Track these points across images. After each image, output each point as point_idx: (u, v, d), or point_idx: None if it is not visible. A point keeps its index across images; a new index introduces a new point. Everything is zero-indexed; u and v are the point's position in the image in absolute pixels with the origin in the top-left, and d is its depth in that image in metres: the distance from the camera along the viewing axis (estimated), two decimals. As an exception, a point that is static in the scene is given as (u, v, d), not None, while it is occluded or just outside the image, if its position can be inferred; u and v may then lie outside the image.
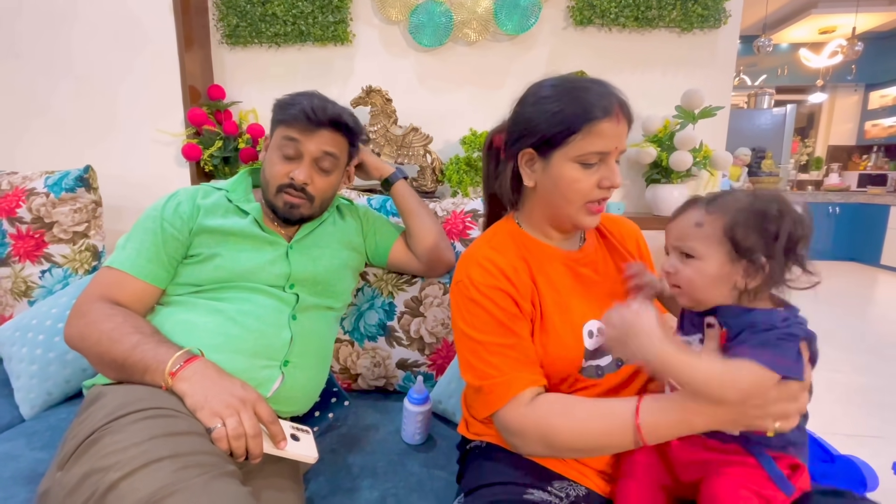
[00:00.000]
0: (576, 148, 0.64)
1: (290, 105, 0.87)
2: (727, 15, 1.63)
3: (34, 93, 1.79)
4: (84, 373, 1.03)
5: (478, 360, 0.66)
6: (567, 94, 0.65)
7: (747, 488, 0.55)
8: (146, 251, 0.83)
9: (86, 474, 0.57)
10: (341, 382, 1.12)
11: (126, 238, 0.86)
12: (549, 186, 0.68)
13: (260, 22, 1.74)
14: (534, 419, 0.62)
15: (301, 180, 0.87)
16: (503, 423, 0.65)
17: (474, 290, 0.67)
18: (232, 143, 1.72)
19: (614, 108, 0.64)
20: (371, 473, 0.83)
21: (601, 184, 0.66)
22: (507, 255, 0.70)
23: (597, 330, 0.69)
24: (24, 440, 0.90)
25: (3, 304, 1.20)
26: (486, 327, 0.66)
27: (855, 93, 5.93)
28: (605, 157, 0.65)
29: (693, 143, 1.56)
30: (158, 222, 0.85)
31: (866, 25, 4.97)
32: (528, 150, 0.68)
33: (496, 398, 0.64)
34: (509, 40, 1.74)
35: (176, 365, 0.68)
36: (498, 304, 0.66)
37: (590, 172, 0.66)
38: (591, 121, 0.63)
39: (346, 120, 0.89)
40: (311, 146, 0.87)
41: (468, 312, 0.68)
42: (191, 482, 0.55)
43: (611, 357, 0.70)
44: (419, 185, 1.70)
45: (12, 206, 1.21)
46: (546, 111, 0.66)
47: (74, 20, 1.73)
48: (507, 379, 0.64)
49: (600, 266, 0.75)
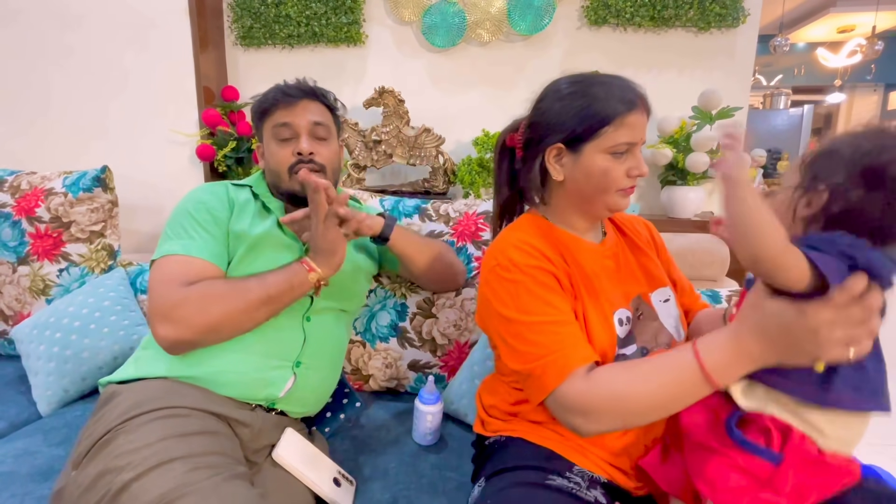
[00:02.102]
0: (608, 140, 0.67)
1: (264, 96, 0.90)
2: (746, 14, 1.61)
3: (52, 94, 1.82)
4: (100, 371, 1.04)
5: (524, 343, 0.65)
6: (591, 89, 0.68)
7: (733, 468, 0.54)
8: (211, 237, 0.82)
9: (99, 474, 0.57)
10: (353, 383, 1.12)
11: (178, 228, 0.82)
12: (581, 178, 0.70)
13: (274, 23, 1.75)
14: (599, 391, 0.59)
15: (306, 149, 0.87)
16: (564, 402, 0.61)
17: (517, 270, 0.66)
18: (245, 144, 1.74)
19: (638, 100, 0.67)
20: (383, 474, 0.83)
21: (630, 173, 0.68)
22: (540, 240, 0.71)
23: (625, 318, 0.70)
24: (42, 436, 0.91)
25: (21, 302, 1.22)
26: (530, 307, 0.65)
27: (874, 93, 5.81)
28: (632, 147, 0.68)
29: (710, 144, 1.53)
30: (207, 211, 0.84)
31: (887, 24, 4.86)
32: (557, 145, 0.70)
33: (551, 378, 0.61)
34: (523, 41, 1.73)
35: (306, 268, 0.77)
36: (542, 281, 0.66)
37: (619, 162, 0.68)
38: (621, 113, 0.66)
39: (320, 89, 0.93)
40: (301, 120, 0.88)
41: (509, 294, 0.67)
42: (201, 484, 0.55)
43: (636, 346, 0.70)
44: (431, 187, 1.69)
45: (32, 205, 1.23)
46: (573, 107, 0.68)
47: (91, 22, 1.76)
48: (561, 356, 0.61)
49: (621, 258, 0.77)
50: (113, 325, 1.07)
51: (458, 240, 1.12)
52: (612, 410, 0.59)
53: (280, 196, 0.92)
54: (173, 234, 0.82)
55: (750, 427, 0.56)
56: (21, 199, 1.24)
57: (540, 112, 0.72)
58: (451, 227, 1.14)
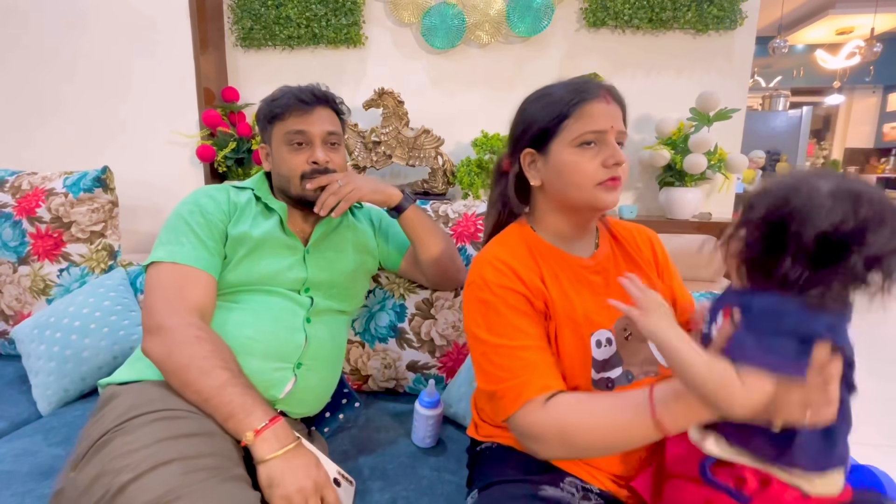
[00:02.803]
0: (571, 132, 0.66)
1: (276, 99, 0.89)
2: (743, 16, 1.61)
3: (52, 94, 1.82)
4: (100, 371, 1.05)
5: (489, 364, 0.66)
6: (551, 89, 0.70)
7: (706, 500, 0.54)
8: (202, 244, 0.82)
9: (97, 475, 0.58)
10: (352, 383, 1.12)
11: (170, 234, 0.83)
12: (554, 177, 0.69)
13: (274, 25, 1.76)
14: (552, 423, 0.60)
15: (323, 160, 0.88)
16: (519, 428, 0.63)
17: (487, 290, 0.67)
18: (245, 145, 1.74)
19: (601, 91, 0.67)
20: (381, 476, 0.83)
21: (605, 163, 0.66)
22: (519, 256, 0.69)
23: (605, 340, 0.68)
24: (42, 436, 0.91)
25: (22, 302, 1.22)
26: (498, 329, 0.65)
27: (873, 94, 5.82)
28: (601, 136, 0.66)
29: (708, 145, 1.54)
30: (202, 216, 0.84)
31: (885, 26, 4.88)
32: (529, 150, 0.71)
33: (509, 402, 0.63)
34: (522, 42, 1.74)
35: (261, 422, 0.67)
36: (511, 304, 0.65)
37: (590, 154, 0.66)
38: (579, 103, 0.65)
39: (331, 95, 0.93)
40: (315, 129, 0.88)
41: (479, 314, 0.67)
42: (198, 486, 0.56)
43: (621, 369, 0.68)
44: (430, 188, 1.70)
45: (32, 205, 1.23)
46: (538, 106, 0.70)
47: (93, 23, 1.77)
48: (519, 383, 0.62)
49: (612, 274, 0.74)
50: (113, 325, 1.08)
51: (457, 240, 1.13)
52: (563, 443, 0.61)
53: (285, 199, 0.92)
54: (166, 239, 0.83)
55: (725, 470, 0.55)
56: (22, 199, 1.24)
57: (513, 124, 0.74)
58: (450, 228, 1.14)
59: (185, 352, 0.71)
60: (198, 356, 0.71)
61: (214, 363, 0.71)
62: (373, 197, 0.92)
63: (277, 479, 0.64)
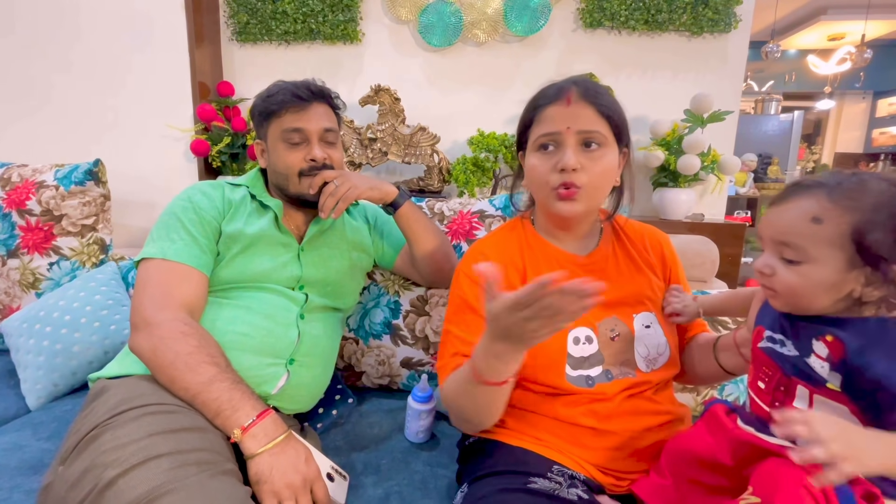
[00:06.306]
0: (533, 136, 0.70)
1: (272, 95, 0.88)
2: (738, 19, 1.63)
3: (45, 87, 1.80)
4: (90, 365, 1.04)
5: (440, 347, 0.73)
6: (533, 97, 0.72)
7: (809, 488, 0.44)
8: (194, 241, 0.81)
9: (86, 470, 0.57)
10: (346, 380, 1.12)
11: (162, 230, 0.82)
12: (527, 180, 0.74)
13: (270, 19, 1.75)
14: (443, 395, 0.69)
15: (321, 158, 0.87)
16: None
17: (460, 276, 0.73)
18: (240, 140, 1.73)
19: (564, 93, 0.67)
20: (375, 471, 0.83)
21: (556, 167, 0.66)
22: (503, 248, 0.73)
23: (584, 338, 0.68)
24: (31, 430, 0.90)
25: (11, 296, 1.21)
26: (449, 312, 0.73)
27: (863, 100, 5.89)
28: (557, 138, 0.67)
29: (701, 147, 1.55)
30: (195, 212, 0.83)
31: (876, 33, 4.94)
32: (520, 152, 0.76)
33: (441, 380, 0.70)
34: (519, 41, 1.74)
35: (248, 419, 0.66)
36: (462, 289, 0.72)
37: (546, 158, 0.68)
38: (538, 108, 0.69)
39: (327, 90, 0.92)
40: (312, 126, 0.87)
41: (450, 296, 0.75)
42: (187, 481, 0.55)
43: (601, 367, 0.69)
44: (426, 185, 1.70)
45: (22, 198, 1.22)
46: (524, 110, 0.73)
47: (87, 16, 1.75)
48: (442, 364, 0.71)
49: (610, 274, 0.74)
50: (104, 319, 1.07)
51: (452, 238, 1.13)
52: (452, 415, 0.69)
53: (281, 196, 0.92)
54: (158, 235, 0.82)
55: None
56: (11, 191, 1.22)
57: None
58: (445, 226, 1.14)
59: (170, 347, 0.70)
60: (183, 352, 0.70)
61: (201, 358, 0.70)
62: (370, 194, 0.91)
63: (266, 475, 0.63)
